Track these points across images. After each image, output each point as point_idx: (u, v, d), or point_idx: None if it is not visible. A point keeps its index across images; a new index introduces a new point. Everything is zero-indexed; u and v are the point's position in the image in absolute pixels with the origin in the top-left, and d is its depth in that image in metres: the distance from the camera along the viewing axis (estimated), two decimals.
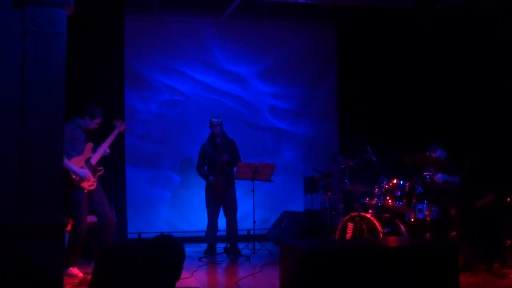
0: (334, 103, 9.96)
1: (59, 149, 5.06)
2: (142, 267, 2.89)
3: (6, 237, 4.82)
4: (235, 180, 8.28)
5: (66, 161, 6.40)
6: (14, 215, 4.90)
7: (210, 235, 8.28)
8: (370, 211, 7.39)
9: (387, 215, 7.49)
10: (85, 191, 6.63)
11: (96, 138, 7.02)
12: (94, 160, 6.80)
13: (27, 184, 4.94)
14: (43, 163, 4.96)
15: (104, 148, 6.90)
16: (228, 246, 8.09)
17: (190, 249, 8.20)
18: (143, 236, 9.02)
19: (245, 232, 8.96)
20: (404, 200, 7.35)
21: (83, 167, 6.67)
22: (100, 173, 6.87)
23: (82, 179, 6.59)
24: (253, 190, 8.14)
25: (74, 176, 6.55)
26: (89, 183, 6.67)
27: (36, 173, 4.95)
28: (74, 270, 6.53)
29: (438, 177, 7.33)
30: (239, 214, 8.36)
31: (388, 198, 7.41)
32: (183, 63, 9.41)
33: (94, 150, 6.86)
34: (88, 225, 7.08)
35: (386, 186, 7.44)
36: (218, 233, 8.30)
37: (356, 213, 7.36)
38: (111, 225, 6.83)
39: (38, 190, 4.94)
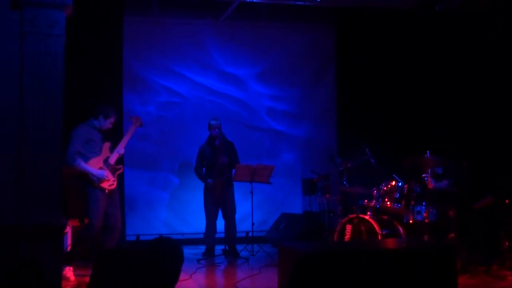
0: (333, 105, 9.96)
1: (57, 149, 5.06)
2: (140, 269, 2.88)
3: (4, 237, 4.82)
4: (234, 182, 8.27)
5: (82, 164, 6.45)
6: (13, 215, 4.90)
7: (209, 237, 8.26)
8: (368, 213, 7.37)
9: (385, 217, 7.47)
10: (106, 191, 6.59)
11: (114, 137, 7.03)
12: (112, 159, 6.73)
13: (26, 184, 4.95)
14: (42, 164, 4.97)
15: (122, 146, 6.85)
16: (227, 248, 8.08)
17: (188, 251, 8.19)
18: (142, 238, 9.00)
19: (244, 234, 8.95)
20: (403, 202, 7.35)
21: (102, 167, 6.60)
22: (120, 171, 6.85)
23: (101, 180, 6.54)
24: (251, 192, 8.12)
25: (93, 178, 6.50)
26: (109, 183, 6.60)
27: (34, 173, 4.96)
28: (68, 272, 6.34)
29: (432, 182, 7.29)
30: (237, 216, 8.35)
31: (386, 200, 7.40)
32: (181, 65, 9.41)
33: (112, 149, 6.81)
34: None
35: (385, 188, 7.44)
36: (217, 235, 8.29)
37: (355, 215, 7.34)
38: (117, 229, 6.75)
39: (36, 191, 4.95)
